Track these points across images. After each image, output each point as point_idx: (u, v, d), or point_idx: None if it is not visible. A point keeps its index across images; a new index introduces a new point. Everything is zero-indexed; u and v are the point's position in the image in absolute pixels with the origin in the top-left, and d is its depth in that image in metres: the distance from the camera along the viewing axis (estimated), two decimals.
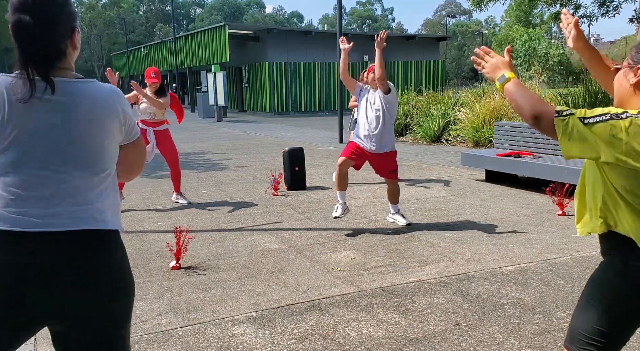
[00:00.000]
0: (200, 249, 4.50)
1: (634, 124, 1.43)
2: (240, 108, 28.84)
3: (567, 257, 4.15)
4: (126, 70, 42.05)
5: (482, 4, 12.11)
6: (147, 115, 6.04)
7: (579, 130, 1.45)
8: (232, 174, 8.41)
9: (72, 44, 1.48)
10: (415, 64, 27.70)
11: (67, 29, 1.44)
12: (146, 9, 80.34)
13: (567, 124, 1.46)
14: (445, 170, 8.39)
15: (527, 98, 1.55)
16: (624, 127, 1.43)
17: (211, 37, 26.42)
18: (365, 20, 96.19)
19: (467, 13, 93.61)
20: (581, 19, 12.46)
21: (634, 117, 1.44)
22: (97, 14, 59.55)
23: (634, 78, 1.54)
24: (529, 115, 1.53)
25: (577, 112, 1.48)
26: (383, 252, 4.35)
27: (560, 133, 1.47)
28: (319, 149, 11.54)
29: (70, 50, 1.47)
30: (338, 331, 2.97)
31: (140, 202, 6.42)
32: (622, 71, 1.59)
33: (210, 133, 16.21)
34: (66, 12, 1.43)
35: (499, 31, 67.51)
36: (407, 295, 3.46)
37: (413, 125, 12.69)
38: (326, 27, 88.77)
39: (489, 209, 5.74)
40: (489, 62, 1.71)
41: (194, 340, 2.89)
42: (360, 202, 6.21)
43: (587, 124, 1.45)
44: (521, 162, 6.57)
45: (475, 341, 2.82)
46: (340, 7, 13.02)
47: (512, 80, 1.63)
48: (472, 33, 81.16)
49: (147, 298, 3.47)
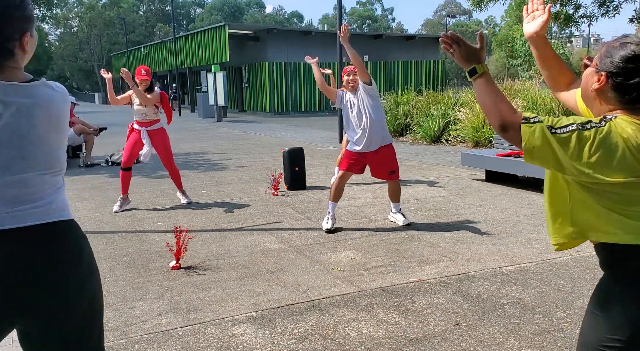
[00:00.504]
0: (200, 249, 4.50)
1: (598, 134, 1.39)
2: (240, 108, 28.84)
3: (567, 257, 4.15)
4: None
5: (482, 4, 12.13)
6: (139, 116, 6.03)
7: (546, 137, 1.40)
8: (232, 174, 8.41)
9: (21, 46, 1.48)
10: (415, 64, 27.70)
11: (16, 30, 1.45)
12: (146, 9, 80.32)
13: (533, 131, 1.41)
14: (445, 170, 8.39)
15: (497, 103, 1.47)
16: (588, 137, 1.39)
17: (211, 37, 26.41)
18: (365, 20, 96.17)
19: (467, 13, 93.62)
20: (581, 19, 12.47)
21: (598, 127, 1.41)
22: (97, 14, 59.47)
23: (596, 83, 1.50)
24: (496, 124, 1.46)
25: (545, 120, 1.43)
26: (383, 252, 4.35)
27: (525, 140, 1.41)
28: (319, 149, 11.54)
29: (19, 51, 1.47)
30: (338, 331, 2.97)
31: (140, 202, 6.42)
32: (590, 70, 1.53)
33: (210, 133, 16.21)
34: (19, 15, 1.45)
35: (499, 31, 67.47)
36: (407, 295, 3.46)
37: (413, 125, 12.69)
38: (326, 27, 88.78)
39: (489, 209, 5.74)
40: (457, 50, 1.59)
41: (194, 340, 2.89)
42: (360, 202, 6.21)
43: (554, 133, 1.40)
44: (521, 162, 6.56)
45: (475, 341, 2.82)
46: (340, 7, 13.01)
47: (484, 75, 1.54)
48: (472, 33, 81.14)
49: (147, 298, 3.47)
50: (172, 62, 30.99)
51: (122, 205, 6.02)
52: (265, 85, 25.10)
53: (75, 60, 62.51)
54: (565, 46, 40.72)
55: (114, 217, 5.72)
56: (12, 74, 1.44)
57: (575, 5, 12.05)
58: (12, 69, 1.45)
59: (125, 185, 6.05)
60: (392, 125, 13.10)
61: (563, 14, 12.38)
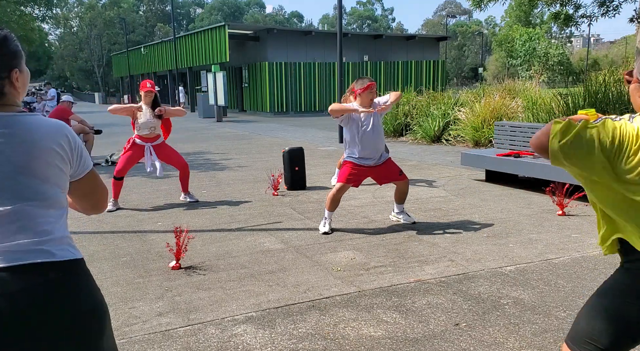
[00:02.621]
0: (200, 249, 4.50)
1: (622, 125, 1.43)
2: (240, 108, 28.84)
3: (567, 256, 4.15)
4: (126, 70, 42.06)
5: (482, 4, 12.12)
6: (147, 130, 5.98)
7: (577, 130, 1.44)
8: (232, 174, 8.41)
9: (12, 84, 1.45)
10: (415, 64, 27.70)
11: (3, 68, 1.42)
12: (146, 9, 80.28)
13: (564, 126, 1.45)
14: (445, 170, 8.39)
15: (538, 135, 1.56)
16: (612, 127, 1.43)
17: (211, 37, 26.41)
18: (365, 20, 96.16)
19: (467, 13, 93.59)
20: (581, 18, 12.47)
21: (625, 120, 1.44)
22: (97, 14, 59.49)
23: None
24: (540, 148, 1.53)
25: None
26: (383, 252, 4.35)
27: (552, 134, 1.45)
28: (319, 149, 11.54)
29: (9, 89, 1.44)
30: (338, 331, 2.97)
31: (140, 202, 6.42)
32: (634, 86, 1.56)
33: (210, 133, 16.21)
34: (3, 53, 1.42)
35: (499, 31, 67.46)
36: (407, 295, 3.46)
37: (413, 125, 12.69)
38: (326, 27, 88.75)
39: (489, 209, 5.74)
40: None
41: (194, 340, 2.89)
42: (360, 202, 6.21)
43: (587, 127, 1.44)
44: (521, 162, 6.56)
45: (475, 341, 2.82)
46: (340, 7, 13.01)
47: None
48: (472, 33, 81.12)
49: (147, 298, 3.47)
50: (172, 62, 31.00)
51: (115, 205, 6.03)
52: (265, 85, 25.10)
53: (75, 60, 62.51)
54: (565, 46, 40.73)
55: (114, 217, 5.72)
56: (2, 110, 1.42)
57: (575, 5, 12.05)
58: (3, 106, 1.42)
59: (116, 192, 6.05)
60: (392, 125, 13.10)
61: (563, 14, 12.39)
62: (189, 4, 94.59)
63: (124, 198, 6.48)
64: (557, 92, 9.72)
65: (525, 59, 45.56)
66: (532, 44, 45.23)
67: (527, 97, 11.35)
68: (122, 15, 57.11)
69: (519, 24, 54.72)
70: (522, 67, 43.30)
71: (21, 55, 1.48)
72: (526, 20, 57.48)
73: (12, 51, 1.44)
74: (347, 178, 4.92)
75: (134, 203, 6.36)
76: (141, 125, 5.96)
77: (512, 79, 17.40)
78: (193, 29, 55.30)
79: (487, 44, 77.04)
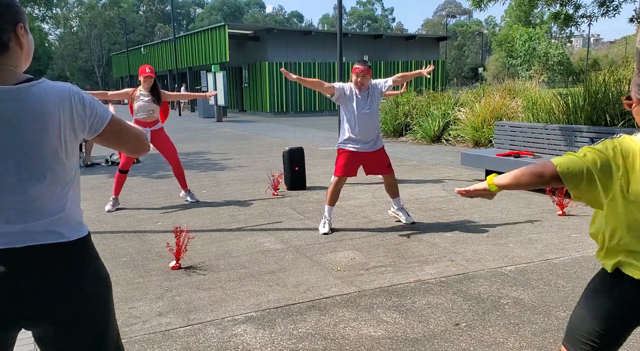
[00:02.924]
0: (200, 249, 4.50)
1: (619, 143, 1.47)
2: (240, 108, 28.85)
3: (567, 256, 4.15)
4: (126, 70, 42.06)
5: (482, 4, 12.11)
6: (144, 114, 5.99)
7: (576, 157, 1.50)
8: (232, 174, 8.41)
9: (17, 38, 1.37)
10: (415, 64, 27.67)
11: (8, 20, 1.34)
12: (146, 9, 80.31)
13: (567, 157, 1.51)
14: (445, 170, 8.39)
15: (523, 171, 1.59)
16: (611, 146, 1.48)
17: (211, 37, 26.42)
18: (365, 20, 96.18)
19: (467, 13, 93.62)
20: (581, 18, 12.47)
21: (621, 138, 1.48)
22: (97, 13, 59.53)
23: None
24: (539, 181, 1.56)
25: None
26: (383, 252, 4.35)
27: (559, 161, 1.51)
28: (319, 149, 11.54)
29: (14, 45, 1.37)
30: (338, 331, 2.97)
31: (140, 202, 6.42)
32: (638, 108, 1.57)
33: (210, 133, 16.20)
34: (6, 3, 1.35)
35: (499, 31, 67.47)
36: (407, 295, 3.46)
37: (413, 125, 12.69)
38: (326, 27, 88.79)
39: (489, 209, 5.74)
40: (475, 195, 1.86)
41: (194, 340, 2.89)
42: (360, 202, 6.21)
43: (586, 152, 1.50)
44: (521, 162, 6.56)
45: (475, 341, 2.82)
46: (340, 7, 12.99)
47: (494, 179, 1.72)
48: (472, 33, 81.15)
49: (147, 298, 3.47)
50: (172, 62, 31.01)
51: (114, 205, 6.03)
52: (265, 85, 25.10)
53: (75, 60, 62.53)
54: (565, 46, 40.74)
55: (114, 217, 5.72)
56: (6, 75, 1.34)
57: (575, 5, 12.03)
58: (8, 70, 1.35)
59: (118, 187, 6.04)
60: (392, 125, 13.10)
61: (563, 14, 12.38)
62: (189, 4, 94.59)
63: (124, 198, 6.49)
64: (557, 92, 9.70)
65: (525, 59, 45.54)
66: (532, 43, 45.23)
67: (527, 97, 11.34)
68: (122, 15, 57.13)
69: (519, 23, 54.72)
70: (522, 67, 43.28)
71: (25, 16, 1.41)
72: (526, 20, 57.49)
73: (18, 10, 1.38)
74: (343, 170, 4.95)
75: (134, 203, 6.36)
76: (139, 109, 5.98)
77: (512, 78, 17.38)
78: (193, 29, 55.31)
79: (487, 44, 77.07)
